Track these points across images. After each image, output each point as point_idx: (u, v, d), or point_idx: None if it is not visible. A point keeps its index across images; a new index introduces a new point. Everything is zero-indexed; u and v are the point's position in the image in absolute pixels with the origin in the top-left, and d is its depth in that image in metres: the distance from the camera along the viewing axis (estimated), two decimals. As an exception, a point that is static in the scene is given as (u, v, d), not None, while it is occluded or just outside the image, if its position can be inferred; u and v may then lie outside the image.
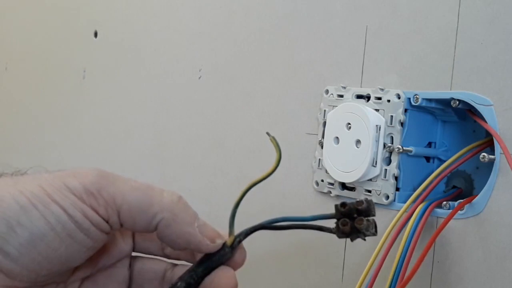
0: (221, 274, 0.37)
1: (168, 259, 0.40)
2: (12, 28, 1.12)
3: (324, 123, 0.61)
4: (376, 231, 0.36)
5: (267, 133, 0.38)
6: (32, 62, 1.07)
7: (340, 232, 0.37)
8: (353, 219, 0.36)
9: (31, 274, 0.34)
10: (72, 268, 0.37)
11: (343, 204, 0.37)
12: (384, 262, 0.51)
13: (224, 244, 0.37)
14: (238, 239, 0.37)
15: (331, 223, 0.37)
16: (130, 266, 0.40)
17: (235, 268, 0.38)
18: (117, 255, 0.39)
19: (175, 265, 0.40)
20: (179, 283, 0.37)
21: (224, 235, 0.38)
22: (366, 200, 0.36)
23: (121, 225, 0.36)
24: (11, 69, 1.12)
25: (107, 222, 0.35)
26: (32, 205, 0.33)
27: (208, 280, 0.37)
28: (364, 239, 0.37)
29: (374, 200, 0.56)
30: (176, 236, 0.36)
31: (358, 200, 0.36)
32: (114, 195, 0.34)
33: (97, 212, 0.34)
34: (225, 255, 0.37)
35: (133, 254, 0.41)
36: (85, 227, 0.34)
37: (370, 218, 0.36)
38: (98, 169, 0.35)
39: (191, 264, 0.38)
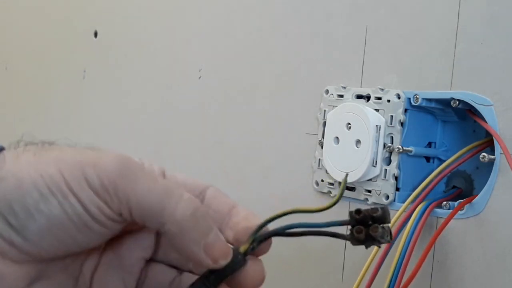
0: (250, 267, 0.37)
1: None
2: (12, 28, 1.12)
3: (324, 123, 0.61)
4: (391, 238, 0.36)
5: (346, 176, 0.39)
6: (32, 62, 1.07)
7: (354, 240, 0.36)
8: (367, 226, 0.36)
9: (49, 255, 0.35)
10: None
11: (358, 211, 0.36)
12: (385, 262, 0.51)
13: (237, 252, 0.37)
14: (251, 246, 0.37)
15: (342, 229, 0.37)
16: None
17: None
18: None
19: None
20: None
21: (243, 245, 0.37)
22: (382, 207, 0.36)
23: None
24: (11, 69, 1.12)
25: (120, 215, 0.35)
26: (51, 193, 0.34)
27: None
28: (379, 246, 0.37)
29: (374, 200, 0.56)
30: (179, 249, 0.36)
31: (373, 207, 0.36)
32: (128, 197, 0.35)
33: (111, 208, 0.35)
34: (238, 262, 0.36)
35: None
36: (100, 220, 0.35)
37: (385, 225, 0.36)
38: (120, 159, 0.35)
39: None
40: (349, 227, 0.36)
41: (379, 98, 0.56)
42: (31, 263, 0.35)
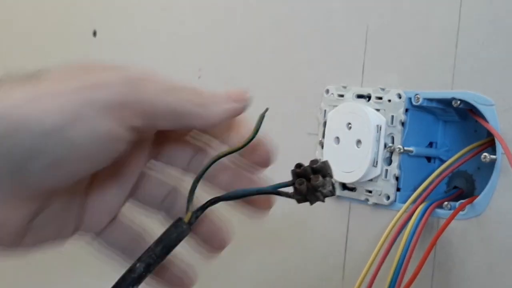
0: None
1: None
2: (12, 27, 1.12)
3: (325, 123, 0.60)
4: (334, 189, 0.36)
5: (265, 111, 0.39)
6: (32, 62, 1.07)
7: (297, 194, 0.36)
8: (309, 179, 0.36)
9: (54, 186, 0.34)
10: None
11: (298, 165, 0.36)
12: (386, 263, 0.51)
13: (181, 221, 0.37)
14: (195, 215, 0.37)
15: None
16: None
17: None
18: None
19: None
20: (137, 265, 0.35)
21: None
22: (321, 160, 0.36)
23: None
24: (11, 69, 1.12)
25: (137, 127, 0.34)
26: (56, 128, 0.32)
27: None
28: (323, 200, 0.36)
29: (375, 201, 0.56)
30: (214, 121, 0.37)
31: (312, 160, 0.36)
32: (142, 104, 0.34)
33: (126, 122, 0.33)
34: (183, 232, 0.36)
35: None
36: (114, 138, 0.33)
37: (327, 177, 0.36)
38: (126, 75, 0.35)
39: None
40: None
41: (380, 98, 0.56)
42: (32, 198, 0.34)
